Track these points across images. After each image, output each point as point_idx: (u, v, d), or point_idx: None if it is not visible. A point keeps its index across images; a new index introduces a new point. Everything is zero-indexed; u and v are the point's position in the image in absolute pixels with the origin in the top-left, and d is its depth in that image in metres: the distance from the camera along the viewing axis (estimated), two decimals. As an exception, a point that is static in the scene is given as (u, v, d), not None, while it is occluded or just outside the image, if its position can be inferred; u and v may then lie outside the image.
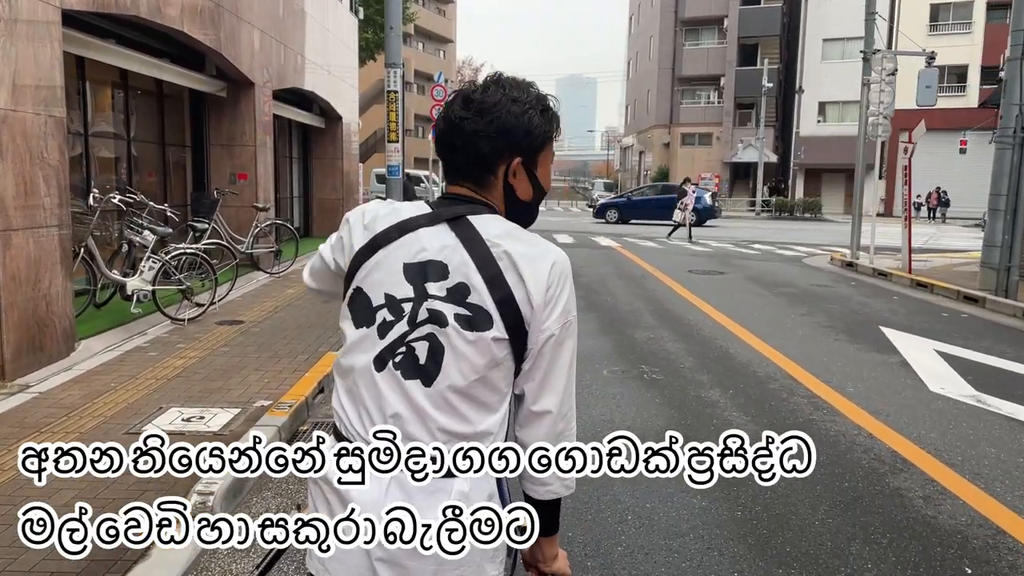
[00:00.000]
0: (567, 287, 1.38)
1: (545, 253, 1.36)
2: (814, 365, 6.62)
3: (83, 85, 8.41)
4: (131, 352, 6.61)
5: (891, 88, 13.89)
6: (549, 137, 1.44)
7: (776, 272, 13.40)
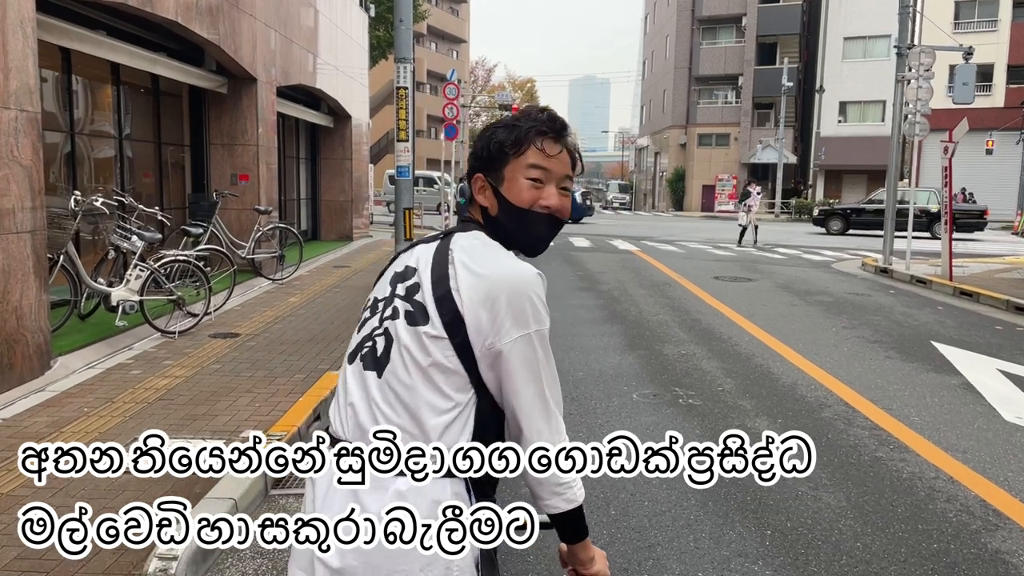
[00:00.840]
0: (511, 307, 1.35)
1: (487, 272, 1.37)
2: (868, 388, 5.93)
3: (69, 79, 7.84)
4: (113, 370, 6.02)
5: (928, 84, 13.13)
6: (504, 149, 1.45)
7: (807, 279, 12.67)
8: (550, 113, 1.51)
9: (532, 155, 1.45)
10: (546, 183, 1.46)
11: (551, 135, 1.47)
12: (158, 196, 9.80)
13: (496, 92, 58.61)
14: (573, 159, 1.53)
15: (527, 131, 1.46)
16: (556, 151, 1.47)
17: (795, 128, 42.06)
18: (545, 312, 1.39)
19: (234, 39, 9.62)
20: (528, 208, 1.46)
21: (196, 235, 8.08)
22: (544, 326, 1.39)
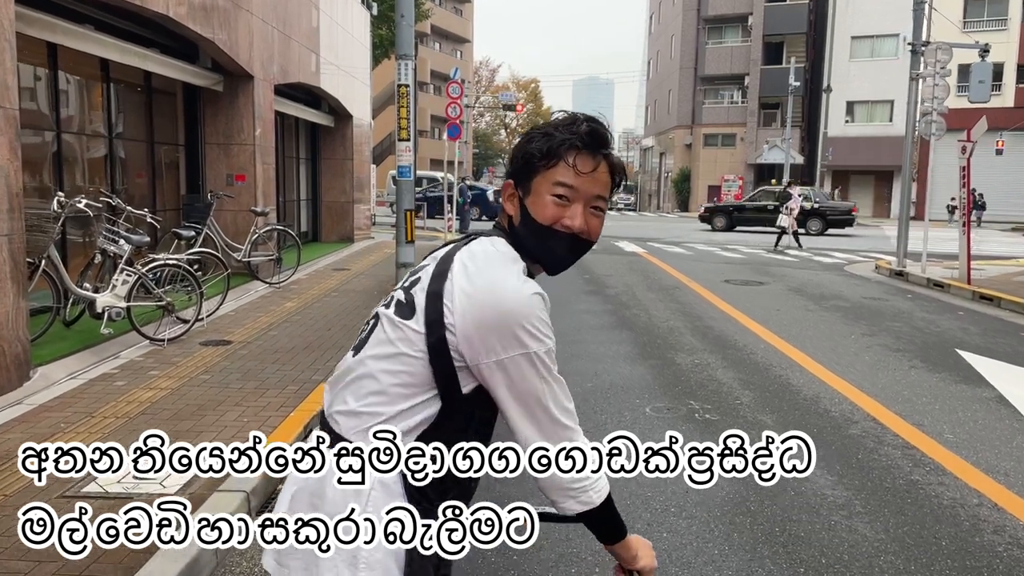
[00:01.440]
0: (498, 329, 1.29)
1: (481, 287, 1.32)
2: (896, 401, 5.58)
3: (55, 75, 7.52)
4: (96, 381, 5.70)
5: (945, 82, 12.76)
6: (534, 161, 1.38)
7: (820, 283, 12.31)
8: (592, 125, 1.39)
9: (561, 171, 1.36)
10: (573, 202, 1.38)
11: (586, 150, 1.37)
12: (151, 197, 9.49)
13: (500, 92, 58.28)
14: (614, 177, 1.43)
15: (560, 144, 1.37)
16: (589, 168, 1.37)
17: (802, 128, 41.65)
18: (542, 333, 1.31)
19: (230, 35, 9.30)
20: (549, 226, 1.38)
21: (187, 238, 7.75)
22: (537, 348, 1.31)
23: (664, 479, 4.07)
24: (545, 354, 1.32)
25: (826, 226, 24.91)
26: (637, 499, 3.84)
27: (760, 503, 3.81)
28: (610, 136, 1.42)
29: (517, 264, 1.37)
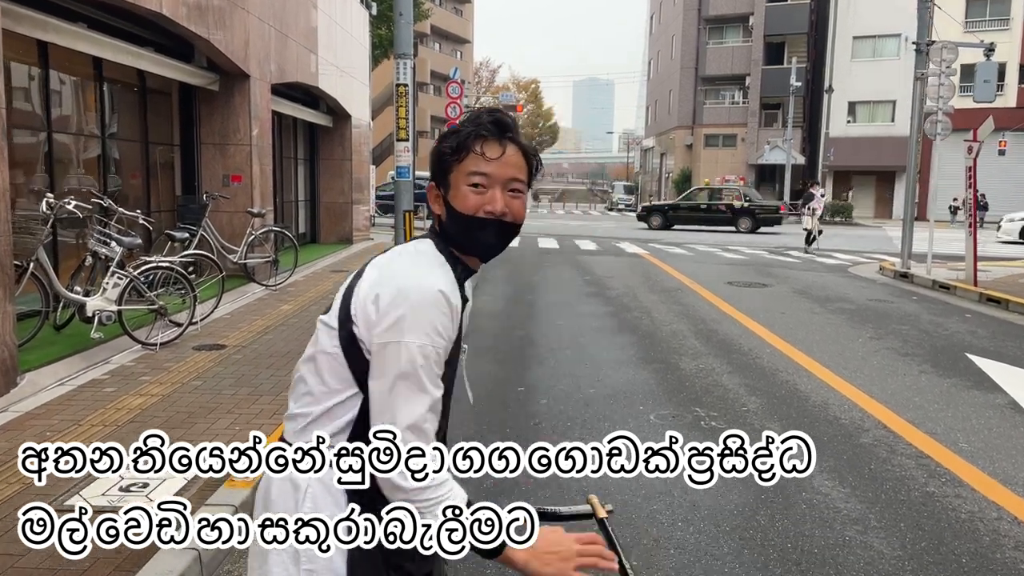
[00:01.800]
0: (390, 311, 1.32)
1: (388, 274, 1.38)
2: (906, 408, 5.43)
3: (46, 74, 7.37)
4: (85, 387, 5.54)
5: (951, 81, 12.61)
6: (447, 157, 1.44)
7: (825, 284, 12.16)
8: (494, 115, 1.45)
9: (472, 161, 1.41)
10: (489, 187, 1.42)
11: (492, 137, 1.42)
12: (145, 198, 9.34)
13: (500, 93, 58.16)
14: (528, 159, 1.46)
15: (467, 136, 1.42)
16: (497, 153, 1.42)
17: (803, 129, 41.47)
18: (423, 330, 1.31)
19: (225, 34, 9.15)
20: (472, 215, 1.42)
21: (181, 240, 7.60)
22: (411, 340, 1.31)
23: (670, 492, 3.92)
24: (418, 350, 1.31)
25: (756, 224, 25.49)
26: (643, 513, 3.69)
27: (771, 517, 3.66)
28: (513, 124, 1.46)
29: (433, 261, 1.41)
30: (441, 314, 1.33)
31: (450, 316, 1.35)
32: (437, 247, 1.45)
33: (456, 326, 1.38)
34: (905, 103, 36.61)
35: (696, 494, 3.90)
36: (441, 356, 1.34)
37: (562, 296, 10.37)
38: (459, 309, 1.39)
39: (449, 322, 1.35)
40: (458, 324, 1.40)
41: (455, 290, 1.39)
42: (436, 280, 1.35)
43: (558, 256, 16.00)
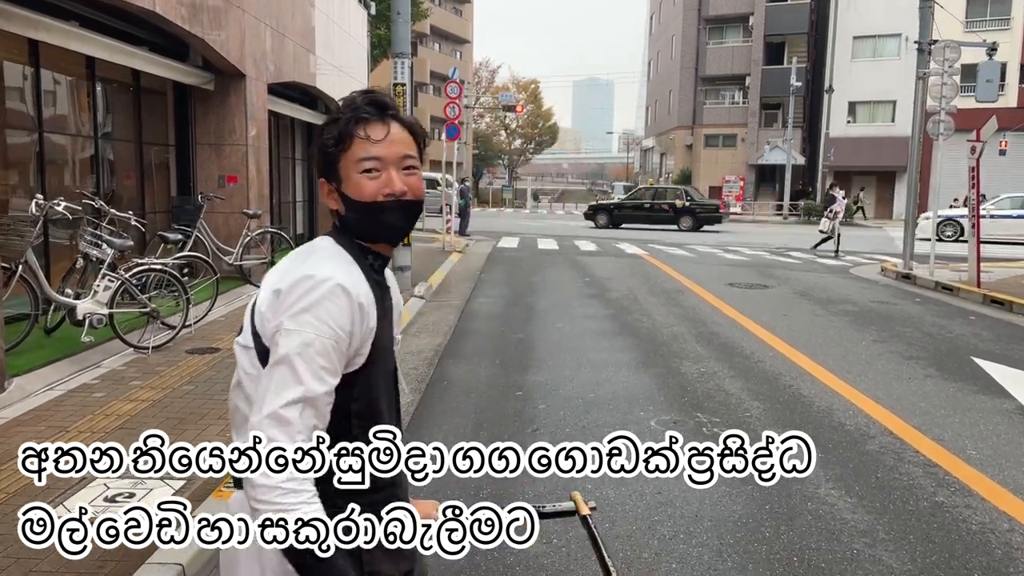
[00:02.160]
0: (283, 300, 1.29)
1: (283, 275, 1.34)
2: (913, 414, 5.32)
3: (38, 73, 7.26)
4: (75, 392, 5.44)
5: (953, 81, 12.50)
6: (330, 149, 1.38)
7: (827, 286, 12.04)
8: (370, 95, 1.40)
9: (358, 146, 1.36)
10: (383, 170, 1.37)
11: (374, 118, 1.37)
12: (140, 199, 9.23)
13: (500, 93, 58.03)
14: (414, 134, 1.42)
15: (347, 122, 1.36)
16: (383, 134, 1.36)
17: (803, 129, 41.35)
18: (313, 320, 1.26)
19: (220, 33, 9.04)
20: (372, 200, 1.36)
21: (174, 241, 7.48)
22: (300, 329, 1.25)
23: (672, 503, 3.81)
24: (298, 338, 1.25)
25: (697, 223, 26.16)
26: (643, 524, 3.58)
27: (776, 528, 3.55)
28: (392, 101, 1.41)
29: (329, 255, 1.36)
30: (334, 306, 1.28)
31: (348, 310, 1.29)
32: (338, 242, 1.40)
33: (363, 320, 1.32)
34: (905, 103, 36.57)
35: (699, 504, 3.79)
36: (331, 350, 1.27)
37: (561, 298, 10.26)
38: (367, 303, 1.33)
39: (346, 316, 1.29)
40: (368, 318, 1.33)
41: (359, 283, 1.33)
42: (329, 272, 1.30)
43: (557, 257, 15.89)
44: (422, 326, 8.22)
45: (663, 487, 3.98)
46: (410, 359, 6.75)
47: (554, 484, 3.97)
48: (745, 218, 38.07)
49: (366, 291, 1.34)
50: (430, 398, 5.60)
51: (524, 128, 65.02)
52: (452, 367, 6.50)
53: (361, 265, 1.39)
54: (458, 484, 3.78)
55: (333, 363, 1.28)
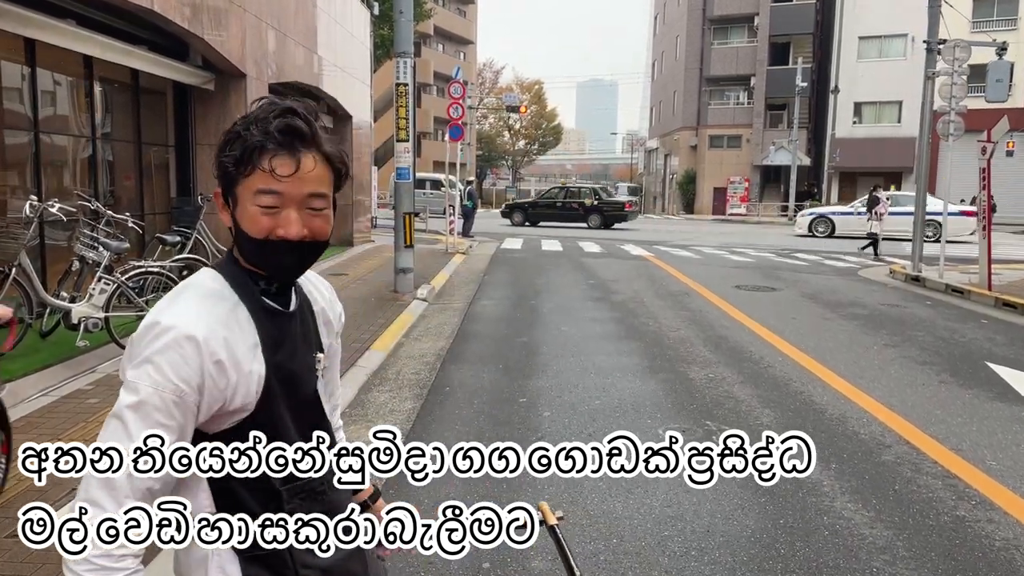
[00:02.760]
0: (131, 350, 1.20)
1: (150, 312, 1.25)
2: (929, 422, 5.16)
3: (34, 73, 7.14)
4: (68, 398, 5.31)
5: (963, 80, 12.33)
6: (227, 167, 1.21)
7: (835, 288, 11.88)
8: (285, 120, 1.19)
9: (259, 179, 1.19)
10: (282, 208, 1.21)
11: (284, 151, 1.19)
12: (139, 200, 9.12)
13: (503, 94, 57.91)
14: (335, 169, 1.26)
15: (252, 149, 1.18)
16: (290, 170, 1.19)
17: (809, 130, 41.15)
18: (151, 371, 1.16)
19: (220, 31, 8.92)
20: (265, 238, 1.22)
21: (173, 244, 7.36)
22: (136, 381, 1.17)
23: (682, 516, 3.66)
24: (131, 390, 1.16)
25: (606, 221, 27.11)
26: (653, 539, 3.44)
27: (791, 545, 3.40)
28: (311, 127, 1.22)
29: (198, 296, 1.23)
30: (179, 356, 1.16)
31: (196, 362, 1.17)
32: (222, 273, 1.28)
33: (221, 374, 1.20)
34: (911, 104, 36.50)
35: (710, 519, 3.64)
36: (172, 404, 1.17)
37: (566, 300, 10.12)
38: (228, 355, 1.20)
39: (192, 368, 1.17)
40: (228, 371, 1.21)
41: (219, 331, 1.20)
42: (185, 320, 1.18)
43: (561, 259, 15.75)
44: (424, 329, 8.08)
45: (672, 500, 3.84)
46: (412, 363, 6.61)
47: (558, 489, 3.83)
48: (751, 219, 37.90)
49: (229, 338, 1.22)
50: (431, 404, 5.47)
51: (528, 129, 64.93)
52: (455, 372, 6.36)
53: (245, 296, 1.27)
54: (455, 487, 3.64)
55: (175, 419, 1.17)
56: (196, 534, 1.29)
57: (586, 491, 3.92)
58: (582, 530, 3.51)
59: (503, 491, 3.88)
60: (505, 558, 3.22)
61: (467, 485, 3.89)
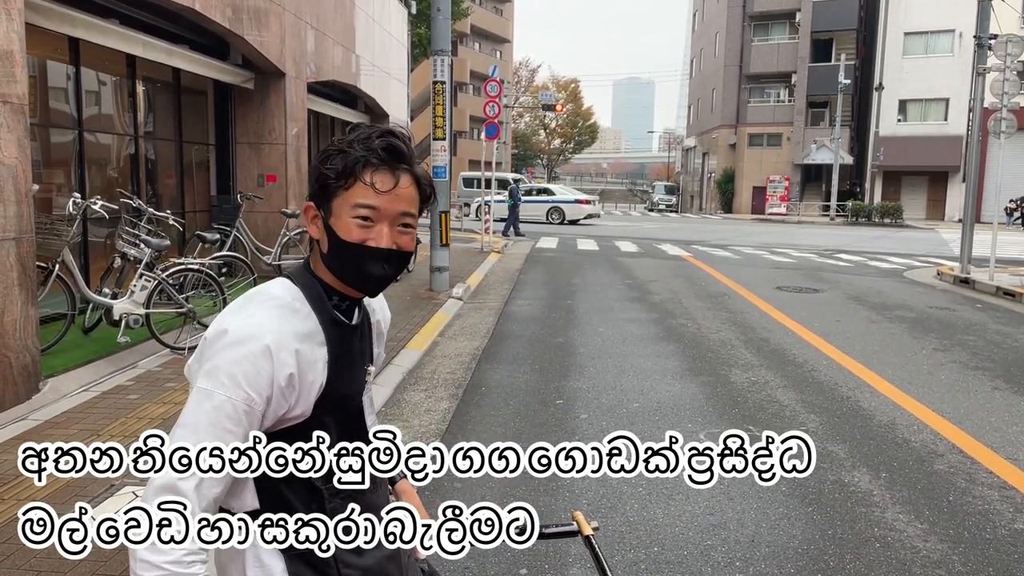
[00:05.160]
0: (202, 355, 1.24)
1: (219, 316, 1.27)
2: (982, 430, 4.96)
3: (78, 72, 7.25)
4: (109, 393, 5.37)
5: (1015, 77, 11.92)
6: (328, 180, 1.28)
7: (881, 290, 11.57)
8: (388, 139, 1.28)
9: (359, 192, 1.26)
10: (377, 222, 1.28)
11: (384, 167, 1.27)
12: (179, 198, 9.23)
13: (539, 92, 57.79)
14: (422, 191, 1.33)
15: (355, 162, 1.26)
16: (389, 186, 1.27)
17: (851, 128, 40.31)
18: (225, 379, 1.19)
19: (260, 30, 8.98)
20: (358, 243, 1.28)
21: (212, 241, 7.41)
22: (210, 388, 1.19)
23: (726, 525, 3.55)
24: (206, 397, 1.18)
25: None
26: (695, 549, 3.33)
27: (840, 557, 3.27)
28: (408, 149, 1.30)
29: (273, 304, 1.26)
30: (252, 366, 1.19)
31: (270, 373, 1.20)
32: (297, 284, 1.31)
33: (290, 384, 1.23)
34: (958, 101, 35.58)
35: (755, 528, 3.52)
36: (242, 413, 1.19)
37: (602, 301, 10.00)
38: (294, 363, 1.23)
39: (265, 381, 1.20)
40: (295, 381, 1.24)
41: (291, 341, 1.23)
42: (260, 330, 1.21)
43: (597, 258, 15.61)
44: (460, 329, 8.04)
45: (715, 507, 3.72)
46: (447, 363, 6.57)
47: (596, 494, 3.74)
48: (791, 219, 37.27)
49: (300, 350, 1.25)
50: (466, 404, 5.41)
51: (563, 128, 64.72)
52: (490, 372, 6.30)
53: (318, 308, 1.30)
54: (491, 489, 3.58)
55: (243, 427, 1.19)
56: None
57: (625, 497, 3.82)
58: (621, 537, 3.42)
59: (539, 494, 3.81)
60: (543, 564, 3.14)
61: (503, 487, 3.83)
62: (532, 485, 3.85)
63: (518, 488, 3.82)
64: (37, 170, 6.51)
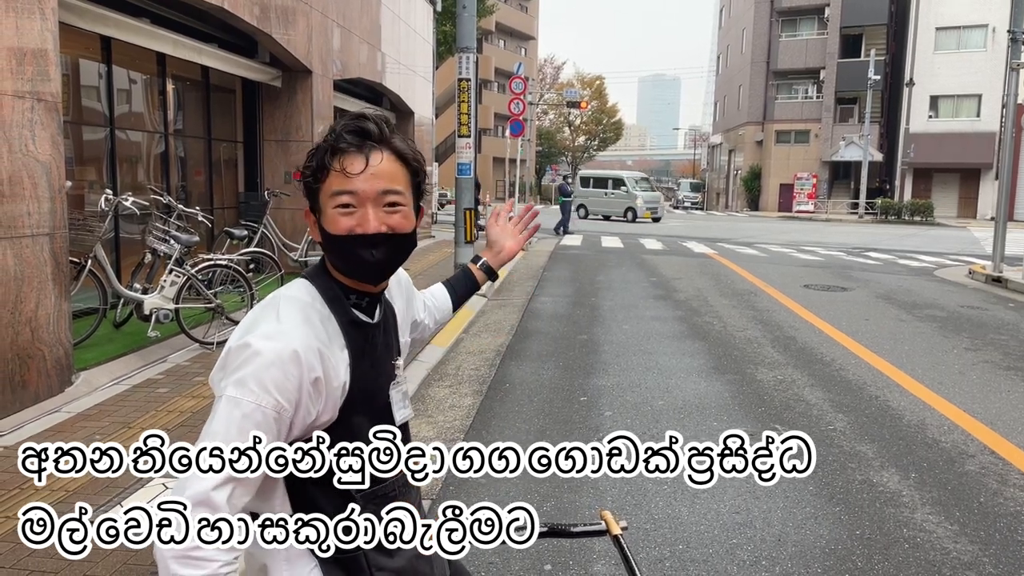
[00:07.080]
0: (226, 364, 1.21)
1: (243, 323, 1.26)
2: (1015, 431, 4.87)
3: (109, 70, 7.36)
4: (140, 387, 5.46)
5: (1052, 71, 11.67)
6: (308, 180, 1.29)
7: (910, 289, 11.40)
8: (353, 122, 1.26)
9: (334, 180, 1.25)
10: (359, 207, 1.25)
11: (352, 149, 1.24)
12: (208, 195, 9.34)
13: (564, 89, 57.63)
14: (408, 164, 1.30)
15: (323, 153, 1.26)
16: (360, 167, 1.24)
17: (881, 124, 39.74)
18: (253, 387, 1.17)
19: (287, 28, 9.06)
20: (345, 235, 1.26)
21: (240, 238, 7.50)
22: (238, 396, 1.17)
23: (752, 523, 3.52)
24: (234, 406, 1.16)
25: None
26: (721, 547, 3.31)
27: (868, 558, 3.23)
28: (379, 127, 1.26)
29: (295, 308, 1.24)
30: (280, 372, 1.17)
31: (298, 379, 1.18)
32: (315, 285, 1.30)
33: (317, 388, 1.22)
34: (991, 97, 34.90)
35: (781, 526, 3.49)
36: (272, 420, 1.18)
37: (627, 298, 9.96)
38: (329, 364, 1.23)
39: (293, 387, 1.18)
40: (322, 384, 1.23)
41: (314, 343, 1.22)
42: (287, 333, 1.20)
43: (622, 255, 15.55)
44: (484, 325, 8.05)
45: (741, 506, 3.70)
46: (471, 359, 6.59)
47: (620, 492, 3.74)
48: (819, 217, 36.86)
49: (324, 352, 1.23)
50: (491, 400, 5.42)
51: (588, 125, 64.48)
52: (514, 368, 6.31)
53: (336, 308, 1.29)
54: (516, 488, 3.58)
55: (271, 434, 1.18)
56: (196, 534, 1.27)
57: (650, 495, 3.81)
58: (646, 535, 3.41)
59: (563, 491, 3.81)
60: (567, 560, 3.15)
61: (528, 486, 3.83)
62: (556, 483, 3.86)
63: (543, 485, 3.83)
64: (70, 167, 6.62)
